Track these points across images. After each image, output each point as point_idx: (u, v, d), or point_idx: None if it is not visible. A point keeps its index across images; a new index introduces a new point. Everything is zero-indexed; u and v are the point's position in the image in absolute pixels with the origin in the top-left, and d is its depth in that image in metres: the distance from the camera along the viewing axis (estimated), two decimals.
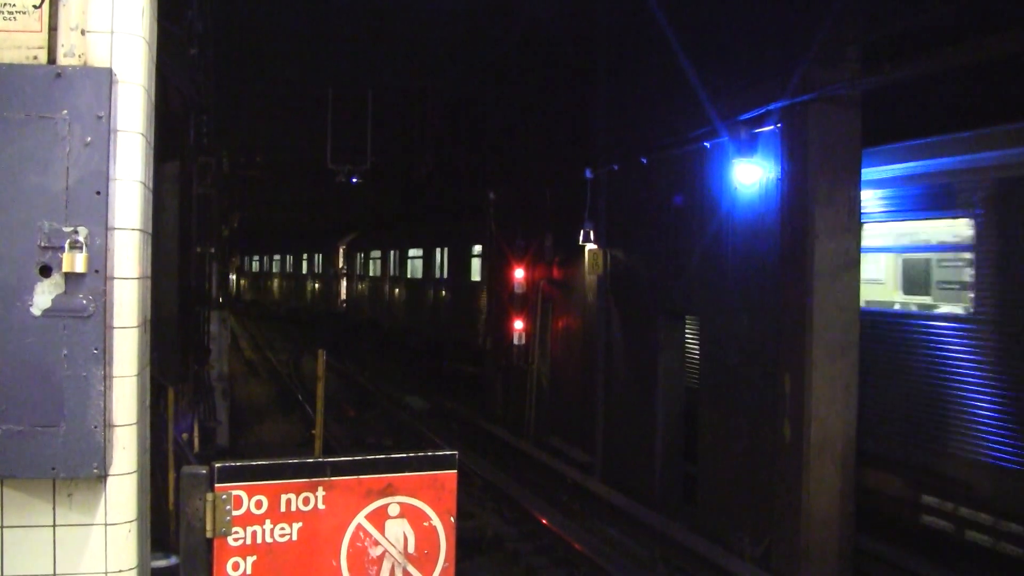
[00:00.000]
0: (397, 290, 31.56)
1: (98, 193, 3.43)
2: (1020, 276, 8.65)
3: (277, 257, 56.15)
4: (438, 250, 27.32)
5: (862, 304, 9.72)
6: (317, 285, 44.75)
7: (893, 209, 10.17)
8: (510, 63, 17.55)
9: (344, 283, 39.13)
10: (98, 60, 3.55)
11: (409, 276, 30.38)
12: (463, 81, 18.91)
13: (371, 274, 35.41)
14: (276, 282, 56.18)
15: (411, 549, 3.89)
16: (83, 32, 3.52)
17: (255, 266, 62.54)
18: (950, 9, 8.65)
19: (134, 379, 3.65)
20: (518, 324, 17.04)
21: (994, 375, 8.82)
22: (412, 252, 30.16)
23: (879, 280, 10.70)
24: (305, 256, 48.22)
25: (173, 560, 3.95)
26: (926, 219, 9.96)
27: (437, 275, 27.20)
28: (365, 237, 37.36)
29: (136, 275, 3.65)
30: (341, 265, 39.26)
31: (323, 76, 18.73)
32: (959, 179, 9.31)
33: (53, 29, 3.50)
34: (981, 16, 8.42)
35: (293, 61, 17.78)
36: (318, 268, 44.91)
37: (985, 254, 8.95)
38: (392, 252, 32.54)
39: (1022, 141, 8.71)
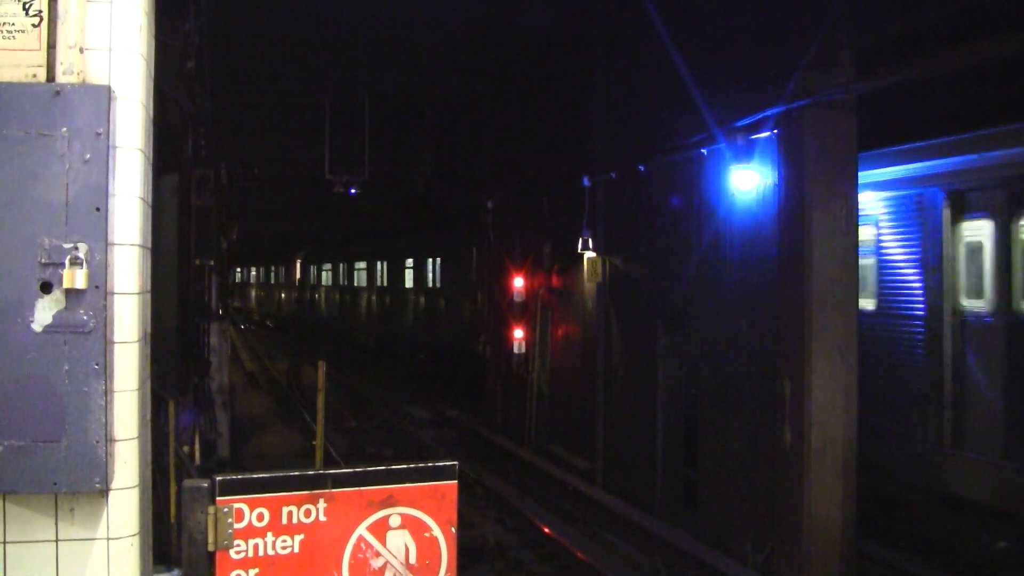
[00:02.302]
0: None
1: (98, 209, 3.45)
2: None
3: (362, 265, 38.78)
4: None
5: None
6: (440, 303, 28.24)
7: None
8: (507, 71, 17.58)
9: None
10: (96, 77, 3.57)
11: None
12: (460, 90, 18.94)
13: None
14: (362, 299, 38.16)
15: (412, 560, 3.91)
16: (81, 50, 3.54)
17: (325, 277, 46.54)
18: (943, 13, 8.69)
19: (135, 393, 3.66)
20: (518, 333, 17.06)
21: None
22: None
23: None
24: (411, 263, 32.06)
25: (176, 573, 3.96)
26: None
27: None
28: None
29: (136, 290, 3.66)
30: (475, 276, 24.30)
31: (320, 86, 18.75)
32: None
33: (52, 47, 3.52)
34: (974, 20, 8.45)
35: (290, 72, 17.80)
36: (435, 280, 29.35)
37: None
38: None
39: None
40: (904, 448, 10.88)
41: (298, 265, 52.82)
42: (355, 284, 39.52)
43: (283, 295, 59.18)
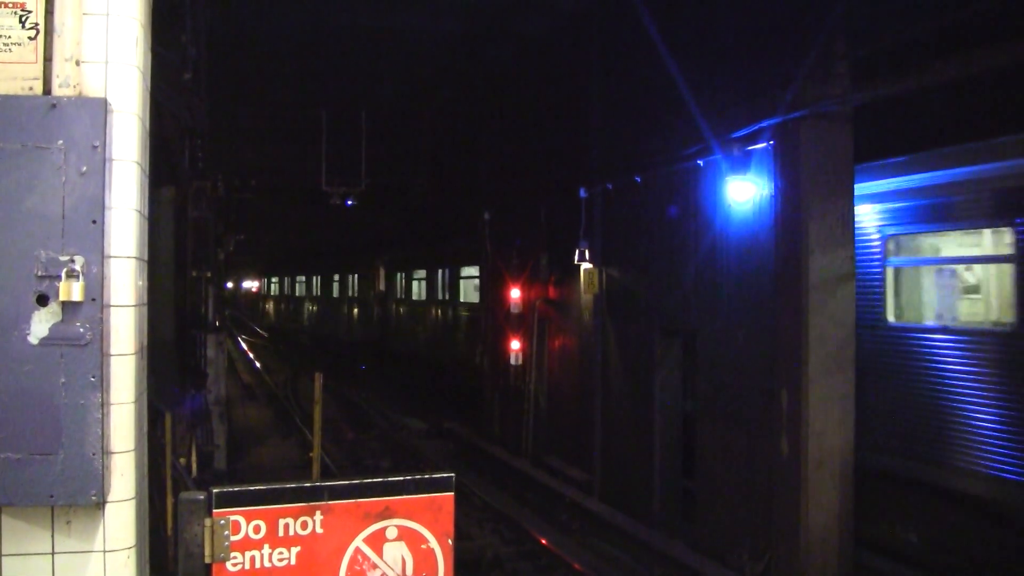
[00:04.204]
0: None
1: (94, 222, 3.45)
2: None
3: (472, 271, 26.10)
4: None
5: None
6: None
7: None
8: (504, 82, 17.62)
9: None
10: (93, 90, 3.58)
11: None
12: (456, 101, 18.97)
13: None
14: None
15: (409, 572, 3.89)
16: (78, 63, 3.55)
17: (416, 289, 32.93)
18: (936, 24, 8.72)
19: (131, 406, 3.66)
20: (515, 344, 17.05)
21: None
22: None
23: None
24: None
25: None
26: None
27: None
28: None
29: (132, 302, 3.66)
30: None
31: (317, 97, 18.79)
32: None
33: (48, 60, 3.53)
34: (967, 31, 8.48)
35: (287, 83, 17.84)
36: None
37: None
38: None
39: None
40: None
41: (382, 274, 37.24)
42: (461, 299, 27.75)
43: (351, 311, 43.62)
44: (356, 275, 43.02)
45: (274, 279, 69.49)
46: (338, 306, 46.79)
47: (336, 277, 47.90)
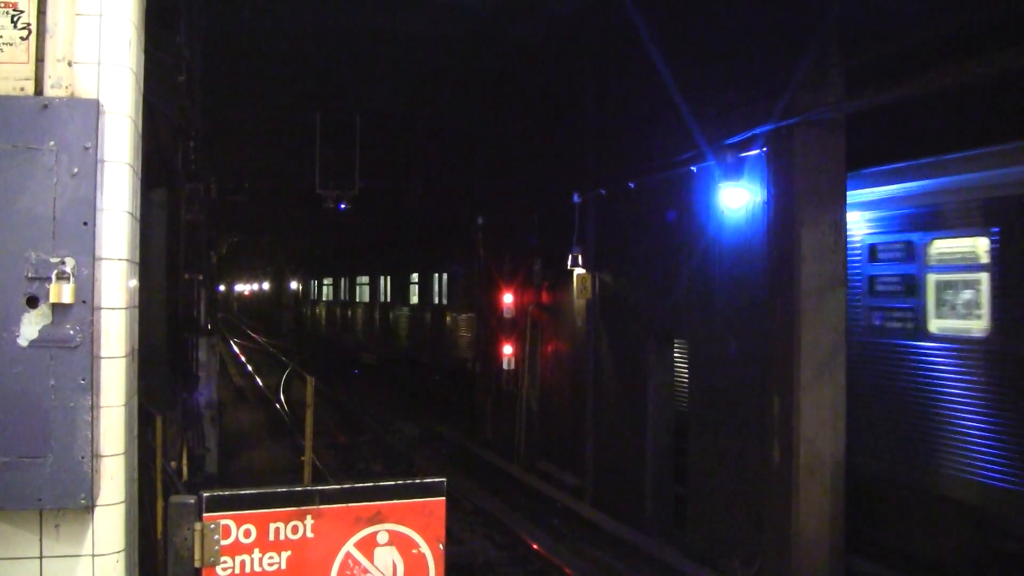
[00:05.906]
0: None
1: (85, 223, 3.43)
2: None
3: None
4: None
5: None
6: None
7: None
8: (499, 88, 17.60)
9: None
10: (85, 91, 3.56)
11: None
12: (451, 106, 18.94)
13: None
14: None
15: None
16: (70, 63, 3.54)
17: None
18: (930, 33, 8.74)
19: (122, 409, 3.64)
20: (507, 349, 17.04)
21: None
22: None
23: None
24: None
25: None
26: None
27: None
28: None
29: (123, 305, 3.64)
30: None
31: (311, 101, 18.75)
32: None
33: (40, 60, 3.51)
34: (962, 39, 8.51)
35: (281, 86, 17.79)
36: None
37: None
38: None
39: None
40: None
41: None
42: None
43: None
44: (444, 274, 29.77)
45: (326, 281, 51.70)
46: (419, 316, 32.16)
47: (415, 277, 33.01)
